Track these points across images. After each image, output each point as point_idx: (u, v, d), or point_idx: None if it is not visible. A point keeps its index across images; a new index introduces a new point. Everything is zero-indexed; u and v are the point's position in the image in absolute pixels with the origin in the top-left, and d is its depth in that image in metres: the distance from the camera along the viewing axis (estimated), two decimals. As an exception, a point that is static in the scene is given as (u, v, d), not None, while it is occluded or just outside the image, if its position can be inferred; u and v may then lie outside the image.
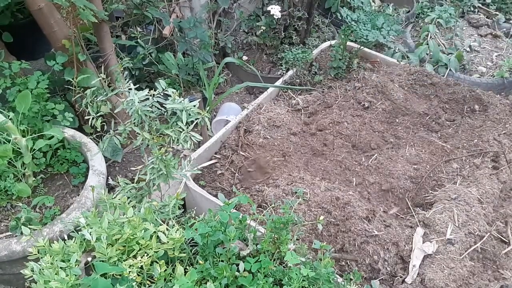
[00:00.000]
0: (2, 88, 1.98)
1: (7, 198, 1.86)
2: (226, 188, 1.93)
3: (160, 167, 1.42)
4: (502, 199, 1.88)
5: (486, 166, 1.95)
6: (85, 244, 1.27)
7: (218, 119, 2.54)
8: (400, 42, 3.38)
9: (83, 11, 1.88)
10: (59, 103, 2.07)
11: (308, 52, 2.59)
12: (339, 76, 2.58)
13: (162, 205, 1.43)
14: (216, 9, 2.97)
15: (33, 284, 1.17)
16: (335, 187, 1.86)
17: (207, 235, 1.23)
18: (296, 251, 1.30)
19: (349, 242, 1.65)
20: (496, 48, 3.28)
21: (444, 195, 1.82)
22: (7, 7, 2.55)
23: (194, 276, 1.13)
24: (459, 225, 1.68)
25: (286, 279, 1.20)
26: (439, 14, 3.36)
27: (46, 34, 2.05)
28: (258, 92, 2.94)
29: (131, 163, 2.45)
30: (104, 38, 2.18)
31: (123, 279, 1.12)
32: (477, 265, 1.63)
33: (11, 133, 1.76)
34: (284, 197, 1.77)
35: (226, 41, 2.96)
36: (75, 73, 2.13)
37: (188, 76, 2.74)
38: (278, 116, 2.21)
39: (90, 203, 1.79)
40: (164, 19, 2.59)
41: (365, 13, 2.55)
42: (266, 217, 1.36)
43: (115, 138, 1.45)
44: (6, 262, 1.68)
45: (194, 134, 1.42)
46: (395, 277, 1.59)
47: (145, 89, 1.40)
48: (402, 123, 2.27)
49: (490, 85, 2.87)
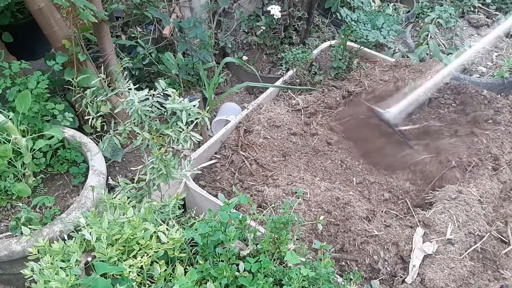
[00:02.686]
0: (2, 88, 1.98)
1: (7, 198, 1.86)
2: (226, 188, 1.93)
3: (160, 167, 1.42)
4: (502, 199, 1.88)
5: (486, 167, 1.95)
6: (85, 244, 1.27)
7: (218, 119, 2.54)
8: (400, 42, 3.38)
9: (83, 11, 1.88)
10: (59, 103, 2.07)
11: (308, 52, 2.59)
12: (339, 76, 2.58)
13: (162, 205, 1.42)
14: (216, 9, 2.97)
15: (33, 284, 1.17)
16: (335, 187, 1.87)
17: (207, 235, 1.23)
18: (296, 251, 1.30)
19: (349, 242, 1.65)
20: (496, 48, 3.28)
21: (444, 195, 1.82)
22: (7, 7, 2.55)
23: (194, 276, 1.13)
24: (459, 225, 1.68)
25: (286, 279, 1.20)
26: (439, 14, 3.36)
27: (46, 34, 2.05)
28: (258, 92, 2.94)
29: (131, 163, 2.45)
30: (104, 38, 2.18)
31: (123, 279, 1.12)
32: (477, 265, 1.63)
33: (11, 133, 1.76)
34: (284, 197, 1.77)
35: (226, 41, 2.96)
36: (75, 73, 2.13)
37: (188, 76, 2.74)
38: (278, 116, 2.21)
39: (90, 203, 1.79)
40: (164, 19, 2.59)
41: (365, 13, 2.54)
42: (266, 217, 1.36)
43: (115, 138, 1.45)
44: (6, 262, 1.68)
45: (194, 134, 1.42)
46: (395, 277, 1.59)
47: (145, 89, 1.40)
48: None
49: (490, 85, 2.87)
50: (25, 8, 2.66)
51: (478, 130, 2.13)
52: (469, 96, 2.32)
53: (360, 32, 2.43)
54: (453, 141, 2.10)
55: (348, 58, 2.59)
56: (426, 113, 2.32)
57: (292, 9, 2.88)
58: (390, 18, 2.51)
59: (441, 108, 2.30)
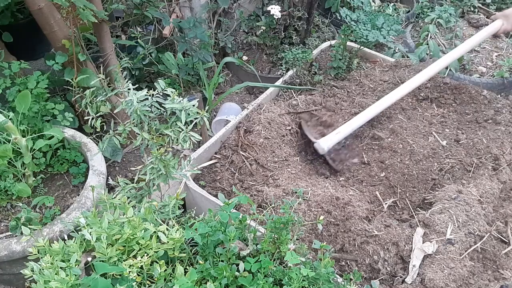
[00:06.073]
0: (2, 88, 1.98)
1: (7, 198, 1.86)
2: (226, 188, 1.93)
3: (160, 167, 1.42)
4: (502, 199, 1.88)
5: (486, 167, 1.95)
6: (85, 244, 1.27)
7: (218, 119, 2.54)
8: (400, 42, 3.38)
9: (83, 11, 1.88)
10: (59, 103, 2.07)
11: (308, 52, 2.59)
12: (339, 76, 2.58)
13: (162, 205, 1.42)
14: (216, 9, 2.97)
15: (33, 284, 1.17)
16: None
17: (207, 235, 1.23)
18: (296, 251, 1.30)
19: (349, 242, 1.65)
20: (496, 48, 3.28)
21: (444, 195, 1.82)
22: (7, 7, 2.56)
23: (194, 276, 1.13)
24: (459, 225, 1.68)
25: (286, 279, 1.20)
26: (439, 14, 3.36)
27: (46, 34, 2.05)
28: (258, 92, 2.94)
29: (131, 163, 2.45)
30: (104, 38, 2.18)
31: (123, 279, 1.12)
32: (477, 265, 1.63)
33: (11, 133, 1.76)
34: (284, 197, 1.77)
35: (226, 41, 2.97)
36: (75, 73, 2.13)
37: (188, 76, 2.74)
38: (278, 116, 2.21)
39: (90, 203, 1.79)
40: (164, 19, 2.60)
41: (365, 13, 2.54)
42: (266, 217, 1.36)
43: (115, 138, 1.45)
44: (6, 262, 1.68)
45: (194, 134, 1.42)
46: (395, 277, 1.59)
47: (144, 89, 1.40)
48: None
49: (490, 85, 2.87)
50: (25, 8, 2.67)
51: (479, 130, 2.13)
52: (469, 96, 2.32)
53: (360, 32, 2.43)
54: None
55: (348, 58, 2.59)
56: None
57: (292, 9, 2.88)
58: (390, 18, 2.51)
59: (441, 108, 2.30)
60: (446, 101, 2.32)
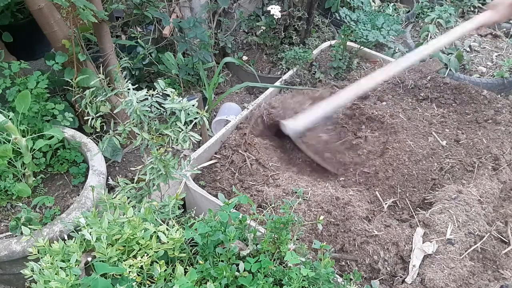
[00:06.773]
0: (2, 88, 1.98)
1: (7, 198, 1.86)
2: (226, 188, 1.93)
3: (159, 167, 1.42)
4: (502, 199, 1.88)
5: (486, 167, 1.95)
6: (85, 244, 1.27)
7: (218, 119, 2.54)
8: (400, 42, 3.38)
9: (83, 11, 1.88)
10: (59, 103, 2.07)
11: (308, 52, 2.59)
12: (339, 76, 2.58)
13: (162, 205, 1.42)
14: (216, 9, 2.97)
15: (33, 284, 1.17)
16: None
17: (207, 235, 1.23)
18: (296, 251, 1.30)
19: (349, 242, 1.65)
20: (496, 48, 3.28)
21: (444, 195, 1.82)
22: (7, 7, 2.56)
23: (194, 276, 1.13)
24: (459, 225, 1.68)
25: (286, 279, 1.20)
26: (439, 14, 3.36)
27: (46, 34, 2.05)
28: (258, 92, 2.94)
29: (131, 163, 2.45)
30: (104, 38, 2.18)
31: (123, 279, 1.12)
32: (477, 265, 1.63)
33: (11, 133, 1.76)
34: (284, 197, 1.77)
35: (226, 41, 2.97)
36: (75, 73, 2.13)
37: (188, 76, 2.74)
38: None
39: (90, 203, 1.79)
40: (164, 19, 2.59)
41: (365, 13, 2.55)
42: (266, 217, 1.36)
43: (115, 138, 1.45)
44: (6, 262, 1.68)
45: (193, 134, 1.42)
46: (395, 277, 1.59)
47: (144, 89, 1.40)
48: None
49: (490, 85, 2.87)
50: (25, 8, 2.67)
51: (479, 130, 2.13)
52: (469, 96, 2.32)
53: (360, 32, 2.44)
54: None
55: (348, 58, 2.59)
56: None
57: (292, 9, 2.88)
58: (390, 18, 2.51)
59: (441, 108, 2.30)
60: (446, 101, 2.32)
